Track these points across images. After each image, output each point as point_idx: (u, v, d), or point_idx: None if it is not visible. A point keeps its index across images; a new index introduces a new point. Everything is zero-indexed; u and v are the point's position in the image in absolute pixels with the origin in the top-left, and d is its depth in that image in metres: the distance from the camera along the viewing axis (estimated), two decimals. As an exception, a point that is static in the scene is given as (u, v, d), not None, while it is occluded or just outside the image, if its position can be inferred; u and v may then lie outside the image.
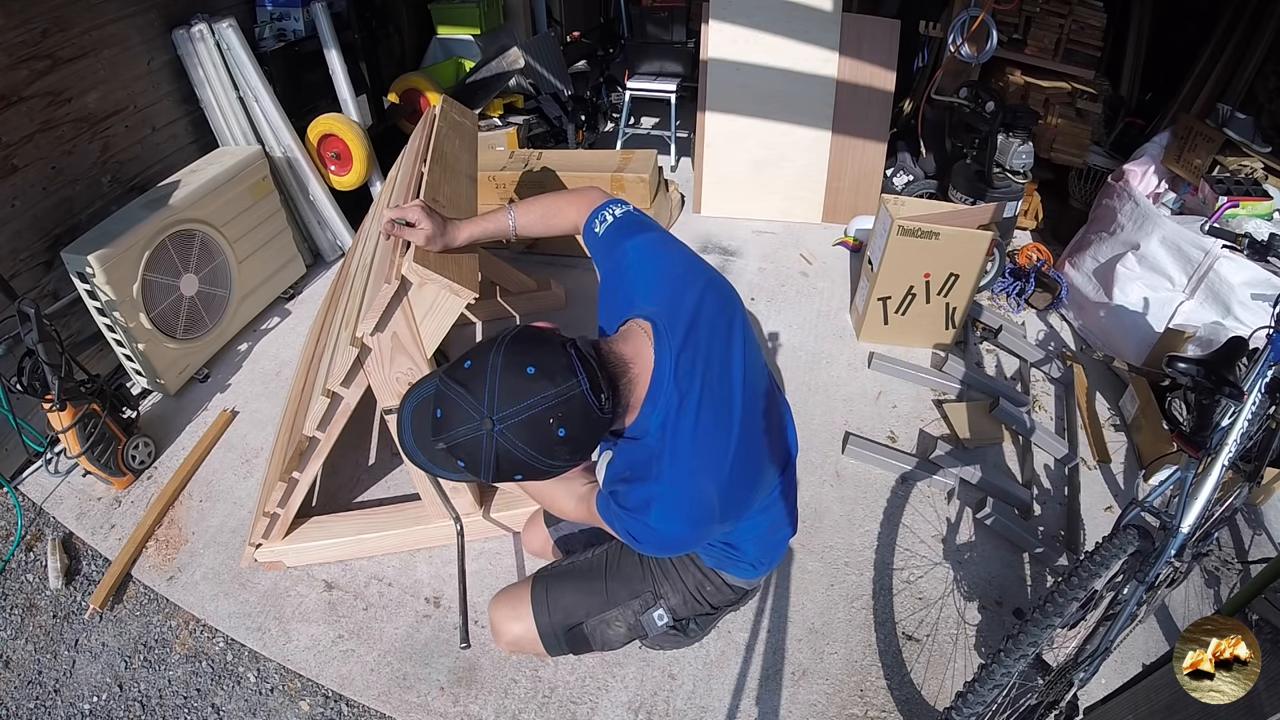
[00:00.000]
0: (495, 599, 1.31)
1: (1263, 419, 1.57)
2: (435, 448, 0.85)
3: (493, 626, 1.30)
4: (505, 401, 0.78)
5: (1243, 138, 2.66)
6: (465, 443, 0.80)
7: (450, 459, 0.84)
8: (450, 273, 1.28)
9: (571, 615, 1.23)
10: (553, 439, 0.79)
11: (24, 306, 1.73)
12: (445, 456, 0.85)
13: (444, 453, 0.84)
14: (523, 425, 0.78)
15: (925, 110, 3.35)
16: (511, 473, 0.82)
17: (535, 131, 3.75)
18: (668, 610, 1.23)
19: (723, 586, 1.23)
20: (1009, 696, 1.29)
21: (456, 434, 0.80)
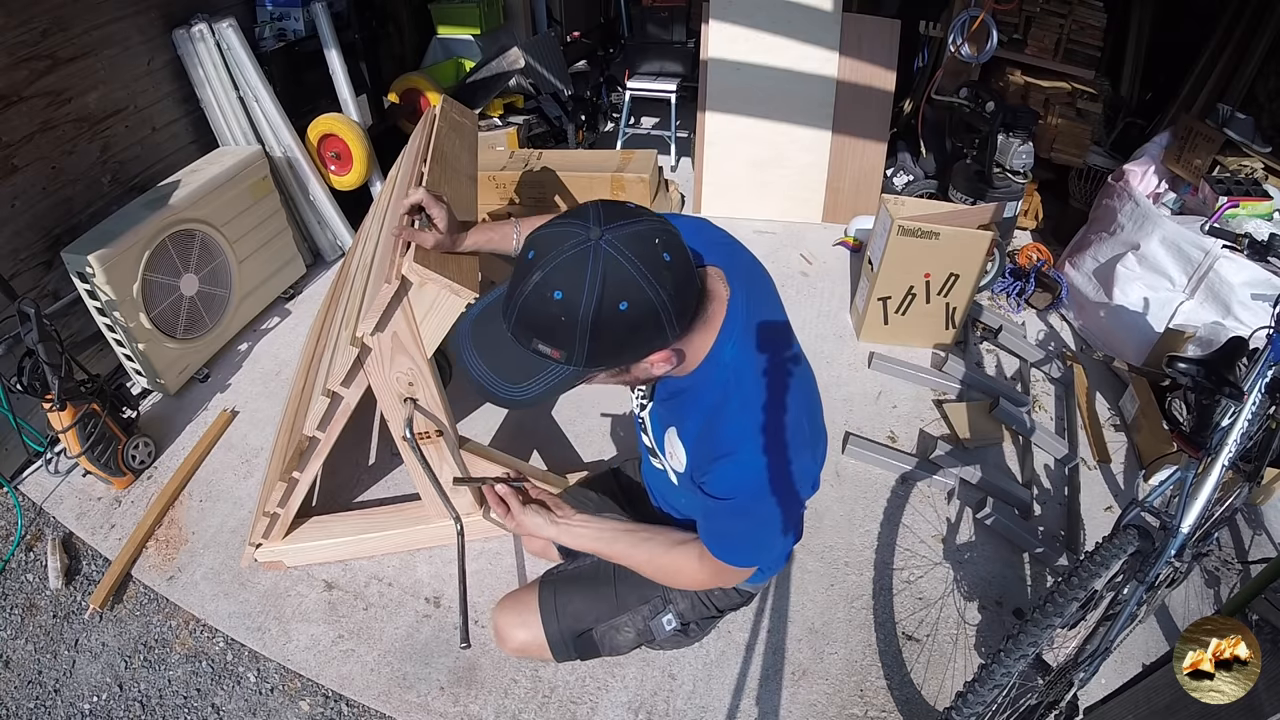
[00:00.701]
0: (500, 605, 1.28)
1: (1263, 419, 1.57)
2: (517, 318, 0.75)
3: (497, 633, 1.27)
4: (611, 218, 0.74)
5: (1243, 138, 2.66)
6: (567, 265, 0.71)
7: (530, 332, 0.75)
8: (450, 273, 1.28)
9: (580, 621, 1.21)
10: (659, 261, 0.73)
11: (24, 306, 1.72)
12: (525, 330, 0.76)
13: (525, 325, 0.75)
14: (630, 237, 0.72)
15: (925, 110, 3.35)
16: (614, 322, 0.73)
17: (535, 131, 3.75)
18: (676, 615, 1.22)
19: (730, 591, 1.23)
20: (1009, 696, 1.29)
21: (559, 254, 0.72)
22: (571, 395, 2.36)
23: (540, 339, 0.76)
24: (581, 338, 0.74)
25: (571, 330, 0.73)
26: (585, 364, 0.77)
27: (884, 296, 2.48)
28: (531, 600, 1.24)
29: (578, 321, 0.73)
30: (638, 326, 0.75)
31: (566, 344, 0.75)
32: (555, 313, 0.73)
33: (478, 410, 2.32)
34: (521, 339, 0.78)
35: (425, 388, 1.46)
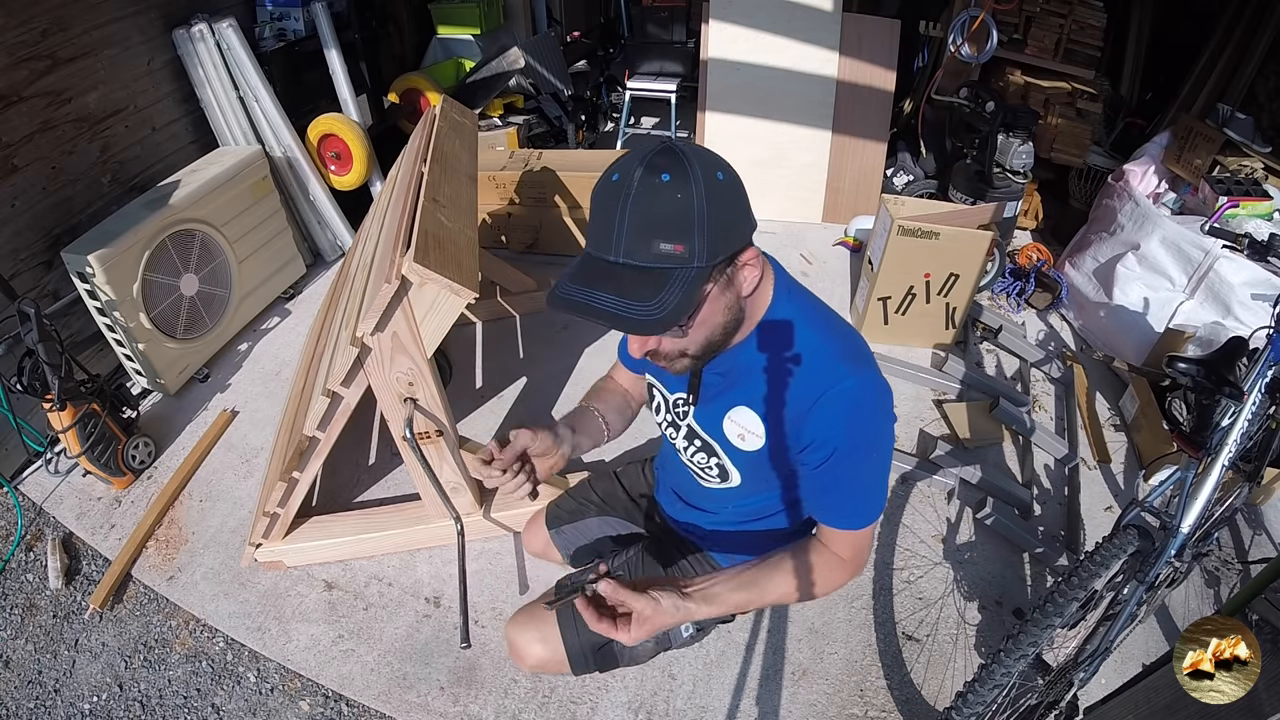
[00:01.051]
0: (514, 620, 1.23)
1: (1263, 419, 1.57)
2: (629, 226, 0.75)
3: (513, 648, 1.21)
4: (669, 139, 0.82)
5: (1243, 138, 2.66)
6: (659, 156, 0.75)
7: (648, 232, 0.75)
8: (450, 273, 1.28)
9: (601, 635, 1.20)
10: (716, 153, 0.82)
11: (24, 306, 1.72)
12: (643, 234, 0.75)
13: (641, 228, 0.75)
14: (685, 139, 0.82)
15: (925, 110, 3.35)
16: (719, 193, 0.76)
17: (535, 131, 3.75)
18: (694, 622, 1.19)
19: None
20: (1009, 696, 1.29)
21: (646, 153, 0.76)
22: (571, 395, 2.36)
23: (661, 235, 0.75)
24: (699, 218, 0.75)
25: (689, 209, 0.74)
26: (706, 254, 0.76)
27: (884, 296, 2.48)
28: (549, 614, 1.19)
29: (692, 196, 0.74)
30: (736, 200, 0.79)
31: (686, 230, 0.75)
32: (669, 195, 0.74)
33: (478, 410, 2.32)
34: (640, 250, 0.76)
35: (425, 388, 1.46)
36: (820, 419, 0.88)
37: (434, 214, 1.45)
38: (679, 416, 1.08)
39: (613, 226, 0.76)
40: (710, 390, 1.01)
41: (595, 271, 0.78)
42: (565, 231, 3.04)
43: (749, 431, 0.98)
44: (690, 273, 0.77)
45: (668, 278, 0.76)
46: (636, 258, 0.76)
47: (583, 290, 0.78)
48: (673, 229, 0.75)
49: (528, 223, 3.06)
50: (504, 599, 1.75)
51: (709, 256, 0.77)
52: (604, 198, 0.77)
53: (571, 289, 0.79)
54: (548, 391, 2.39)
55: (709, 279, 0.79)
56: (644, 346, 0.87)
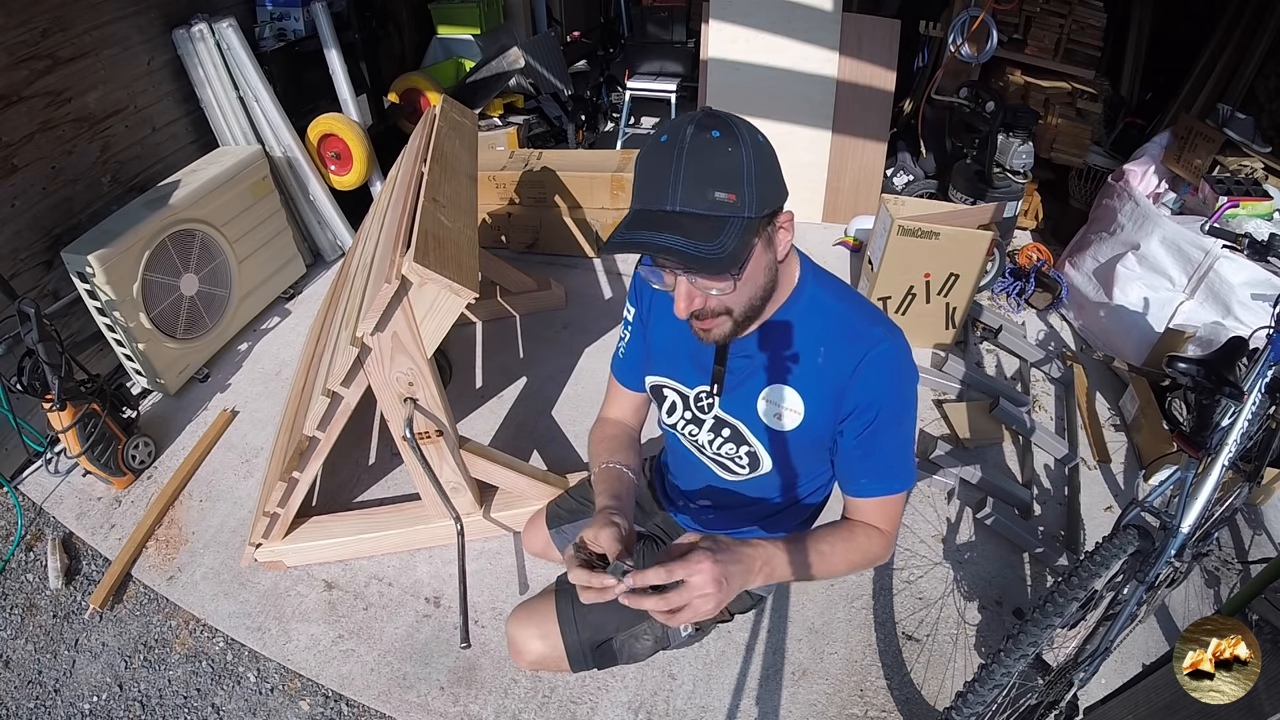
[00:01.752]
0: (514, 617, 1.23)
1: (1263, 419, 1.57)
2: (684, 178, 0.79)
3: (513, 645, 1.21)
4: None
5: (1243, 138, 2.66)
6: (706, 118, 0.80)
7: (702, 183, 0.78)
8: (450, 272, 1.28)
9: (600, 631, 1.18)
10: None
11: (24, 306, 1.72)
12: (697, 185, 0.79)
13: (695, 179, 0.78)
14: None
15: (925, 110, 3.35)
16: (763, 150, 0.81)
17: (535, 131, 3.75)
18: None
19: (743, 596, 1.22)
20: (1009, 696, 1.29)
21: (693, 115, 0.81)
22: (571, 395, 2.36)
23: (715, 185, 0.79)
24: (749, 171, 0.79)
25: (739, 163, 0.79)
26: (755, 205, 0.80)
27: (884, 296, 2.48)
28: (548, 610, 1.19)
29: (741, 150, 0.79)
30: (774, 160, 0.84)
31: (738, 179, 0.79)
32: (721, 148, 0.79)
33: (478, 410, 2.32)
34: (696, 198, 0.79)
35: (425, 388, 1.46)
36: (863, 384, 0.91)
37: (434, 214, 1.45)
38: (703, 410, 1.07)
39: (668, 179, 0.79)
40: (738, 375, 1.01)
41: (654, 220, 0.81)
42: (565, 231, 3.04)
43: (787, 409, 0.98)
44: (742, 221, 0.80)
45: (724, 224, 0.79)
46: (694, 205, 0.79)
47: (648, 234, 0.80)
48: (726, 179, 0.79)
49: (528, 223, 3.06)
50: (504, 599, 1.75)
51: (758, 208, 0.80)
52: (656, 156, 0.81)
53: (634, 233, 0.81)
54: (548, 391, 2.39)
55: (756, 232, 0.83)
56: (691, 304, 0.87)
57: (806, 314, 0.95)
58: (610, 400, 1.25)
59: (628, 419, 1.25)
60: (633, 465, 1.13)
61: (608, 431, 1.22)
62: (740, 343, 0.97)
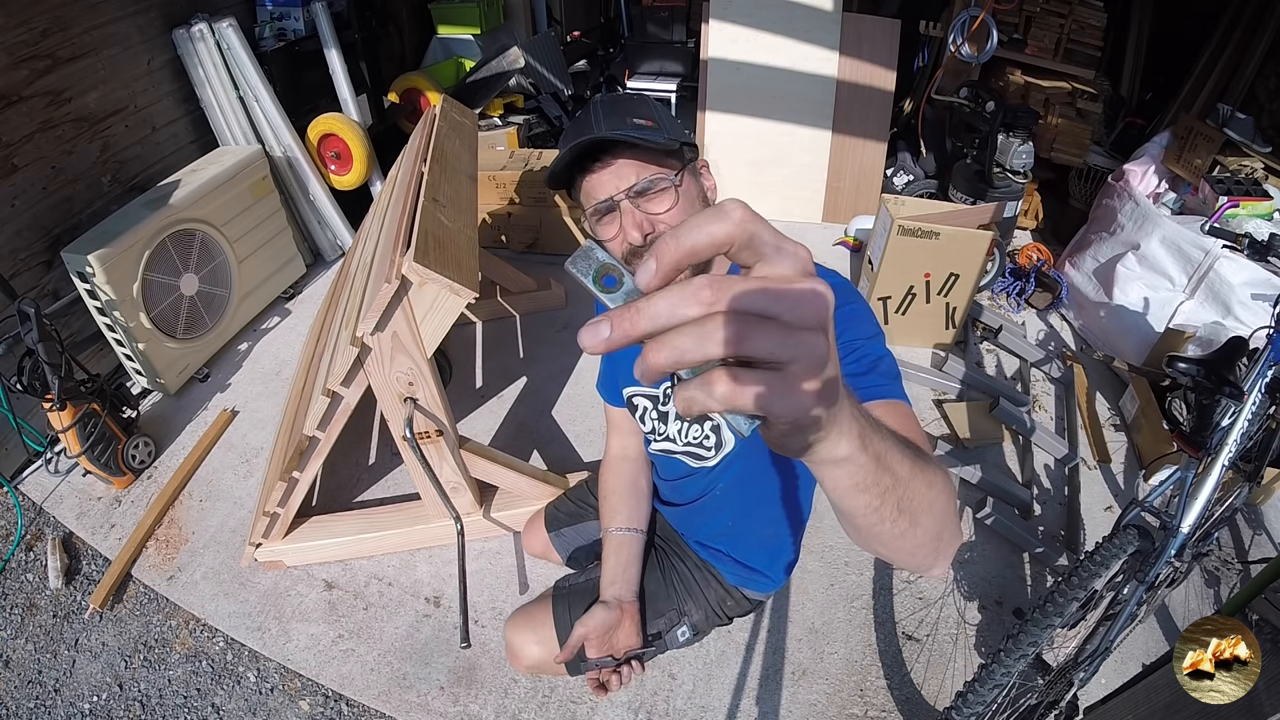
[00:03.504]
0: (511, 621, 1.25)
1: (1263, 419, 1.57)
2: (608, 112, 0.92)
3: (510, 649, 1.23)
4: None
5: (1243, 138, 2.66)
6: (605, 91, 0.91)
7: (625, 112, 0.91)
8: (450, 272, 1.28)
9: None
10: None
11: (24, 306, 1.72)
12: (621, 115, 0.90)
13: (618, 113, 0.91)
14: None
15: (925, 110, 3.35)
16: (655, 103, 0.96)
17: (535, 131, 3.75)
18: (690, 626, 1.21)
19: (742, 600, 1.23)
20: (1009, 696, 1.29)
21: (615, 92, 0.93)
22: (571, 395, 2.36)
23: (632, 115, 0.91)
24: (656, 111, 0.94)
25: (646, 104, 0.95)
26: (672, 133, 0.92)
27: (884, 296, 2.48)
28: (545, 615, 1.20)
29: (644, 99, 0.97)
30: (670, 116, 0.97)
31: (651, 114, 0.93)
32: (627, 98, 0.96)
33: (478, 410, 2.32)
34: (617, 125, 0.89)
35: (425, 387, 1.46)
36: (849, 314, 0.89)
37: (434, 214, 1.45)
38: (664, 404, 1.09)
39: (588, 122, 0.90)
40: None
41: (583, 142, 0.89)
42: (565, 231, 3.04)
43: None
44: (664, 139, 0.89)
45: (648, 137, 0.88)
46: (616, 130, 0.88)
47: (594, 129, 0.89)
48: (640, 112, 0.92)
49: (528, 222, 3.06)
50: (504, 599, 1.75)
51: (674, 135, 0.91)
52: (575, 123, 0.94)
53: (574, 146, 0.89)
54: (548, 391, 2.39)
55: (679, 157, 0.93)
56: (641, 229, 0.90)
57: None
58: (610, 429, 1.30)
59: (630, 449, 1.28)
60: (637, 517, 1.21)
61: (611, 481, 1.26)
62: None
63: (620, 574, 1.14)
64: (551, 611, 1.20)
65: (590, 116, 0.91)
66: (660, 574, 1.23)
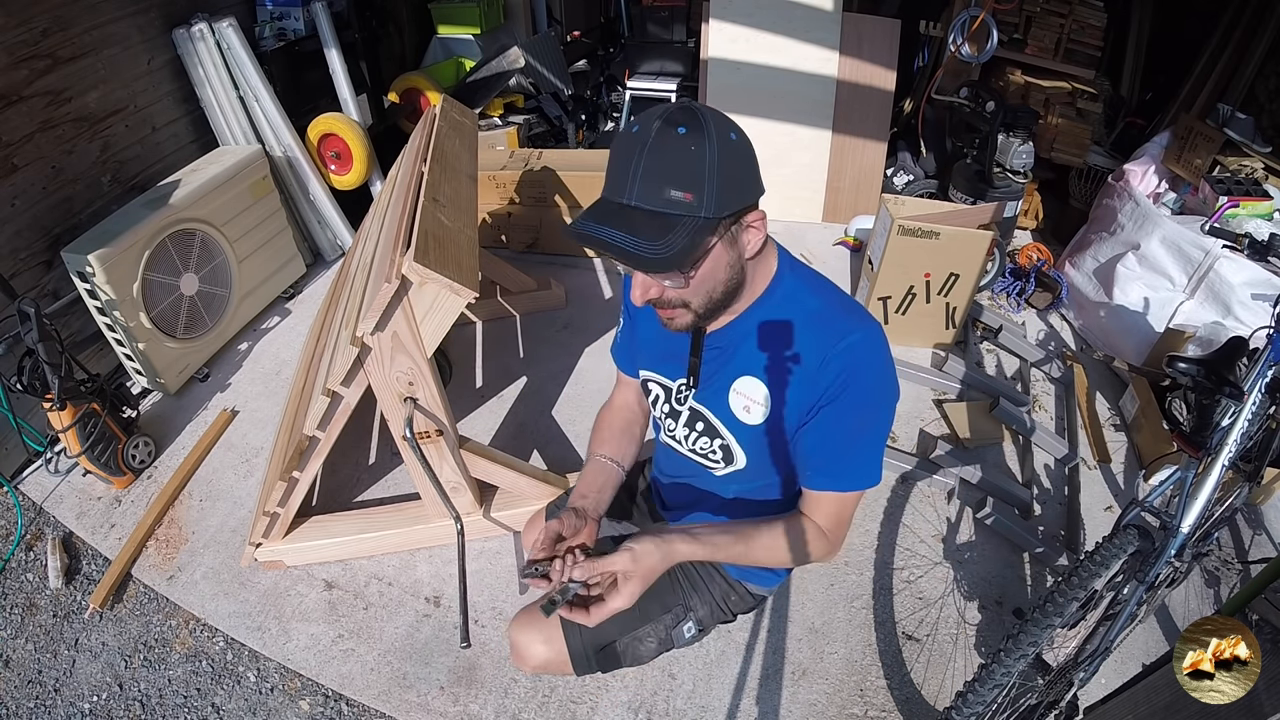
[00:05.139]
0: (516, 621, 1.22)
1: (1263, 419, 1.57)
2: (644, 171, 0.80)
3: (516, 650, 1.21)
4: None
5: (1243, 138, 2.66)
6: (679, 111, 0.80)
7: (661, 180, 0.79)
8: (450, 272, 1.28)
9: (604, 634, 1.17)
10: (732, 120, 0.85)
11: (24, 306, 1.72)
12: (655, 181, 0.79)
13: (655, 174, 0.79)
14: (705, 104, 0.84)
15: (925, 110, 3.35)
16: (731, 151, 0.80)
17: (535, 131, 3.75)
18: (696, 622, 1.20)
19: (745, 596, 1.22)
20: (1009, 696, 1.29)
21: (667, 108, 0.81)
22: (571, 395, 2.36)
23: (672, 183, 0.79)
24: (710, 168, 0.79)
25: (701, 160, 0.79)
26: (714, 206, 0.80)
27: (884, 296, 2.48)
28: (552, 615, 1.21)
29: (705, 149, 0.79)
30: (746, 160, 0.84)
31: (697, 180, 0.79)
32: (684, 145, 0.79)
33: (478, 410, 2.32)
34: (652, 195, 0.80)
35: (425, 387, 1.46)
36: (829, 374, 0.90)
37: (434, 213, 1.45)
38: (680, 403, 1.08)
39: (628, 172, 0.80)
40: (711, 366, 1.02)
41: (608, 211, 0.83)
42: (565, 231, 3.04)
43: (753, 402, 0.98)
44: (697, 222, 0.80)
45: (676, 223, 0.80)
46: (648, 202, 0.80)
47: (596, 226, 0.82)
48: (684, 177, 0.79)
49: (528, 222, 3.06)
50: (504, 599, 1.75)
51: (716, 209, 0.80)
52: (622, 146, 0.82)
53: (585, 223, 0.83)
54: (548, 391, 2.39)
55: (714, 231, 0.83)
56: (646, 294, 0.89)
57: (781, 308, 0.95)
58: (618, 384, 1.30)
59: (631, 403, 1.28)
60: (623, 455, 1.20)
61: (607, 419, 1.27)
62: (715, 334, 0.98)
63: (594, 494, 1.12)
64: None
65: (629, 167, 0.80)
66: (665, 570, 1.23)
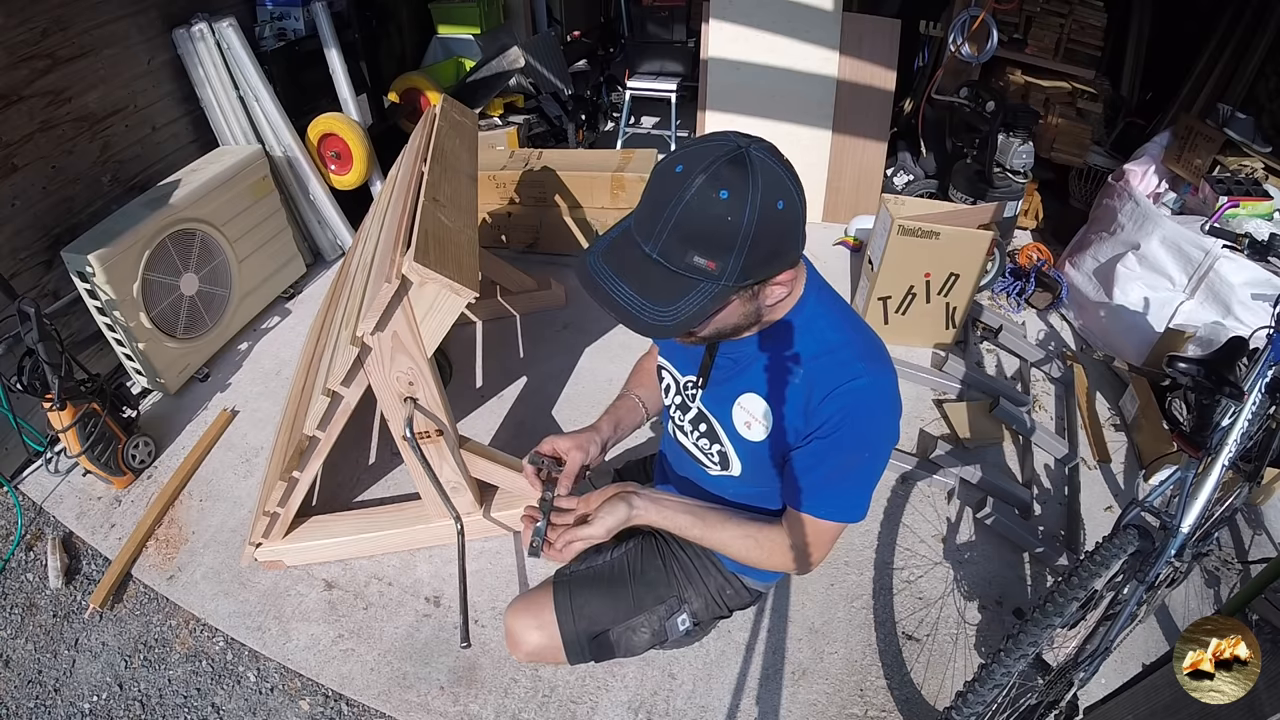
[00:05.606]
0: (512, 608, 1.24)
1: (1263, 419, 1.57)
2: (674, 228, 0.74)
3: (510, 636, 1.23)
4: (750, 139, 0.77)
5: (1243, 138, 2.66)
6: (728, 168, 0.73)
7: (688, 243, 0.75)
8: (450, 272, 1.28)
9: (597, 623, 1.19)
10: (793, 170, 0.77)
11: (24, 306, 1.72)
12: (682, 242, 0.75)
13: (683, 235, 0.74)
14: (769, 149, 0.77)
15: (925, 110, 3.35)
16: (773, 222, 0.74)
17: (535, 131, 3.75)
18: (690, 615, 1.21)
19: (741, 590, 1.23)
20: (1009, 696, 1.29)
21: (717, 160, 0.73)
22: (571, 395, 2.36)
23: (698, 249, 0.75)
24: (743, 241, 0.74)
25: (735, 232, 0.73)
26: (737, 276, 0.76)
27: (884, 296, 2.48)
28: (546, 601, 1.20)
29: (743, 221, 0.73)
30: (787, 231, 0.78)
31: (725, 251, 0.75)
32: (721, 213, 0.73)
33: (478, 410, 2.32)
34: (674, 254, 0.76)
35: (425, 387, 1.46)
36: (827, 413, 0.89)
37: (434, 213, 1.45)
38: (689, 399, 1.09)
39: (658, 220, 0.76)
40: (721, 374, 1.01)
41: (627, 258, 0.79)
42: (565, 231, 3.04)
43: (755, 419, 0.98)
44: (715, 289, 0.77)
45: (691, 288, 0.77)
46: (669, 260, 0.77)
47: (609, 276, 0.79)
48: (712, 245, 0.75)
49: (528, 222, 3.06)
50: (504, 598, 1.75)
51: (740, 278, 0.77)
52: (663, 184, 0.76)
53: (600, 268, 0.80)
54: (548, 391, 2.39)
55: (733, 295, 0.80)
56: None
57: (798, 336, 0.94)
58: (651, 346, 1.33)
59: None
60: (646, 396, 1.26)
61: (646, 365, 1.32)
62: (730, 343, 0.97)
63: (613, 429, 1.19)
64: (553, 598, 1.21)
65: (662, 214, 0.75)
66: (660, 560, 1.23)
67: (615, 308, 0.78)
